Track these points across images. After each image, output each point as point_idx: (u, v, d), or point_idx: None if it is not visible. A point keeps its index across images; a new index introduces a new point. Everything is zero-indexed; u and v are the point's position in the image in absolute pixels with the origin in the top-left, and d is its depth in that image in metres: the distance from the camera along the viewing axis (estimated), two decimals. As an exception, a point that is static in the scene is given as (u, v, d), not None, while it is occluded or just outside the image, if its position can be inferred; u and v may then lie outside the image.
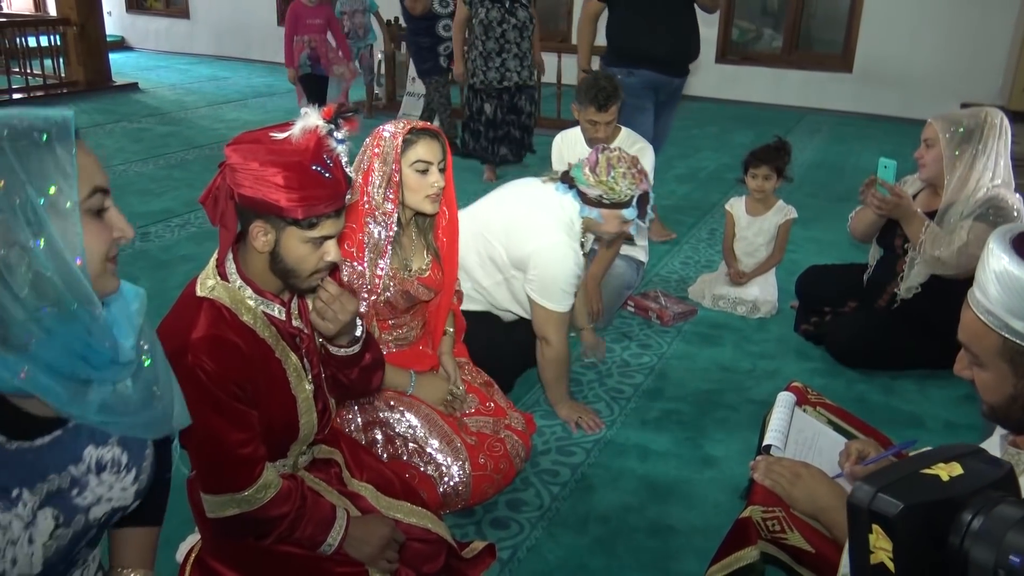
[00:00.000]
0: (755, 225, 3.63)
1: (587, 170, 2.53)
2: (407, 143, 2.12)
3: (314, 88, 6.37)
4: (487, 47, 5.39)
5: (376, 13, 7.39)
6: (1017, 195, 2.75)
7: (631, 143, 3.45)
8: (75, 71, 8.64)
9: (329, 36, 6.45)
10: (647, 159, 3.44)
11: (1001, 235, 1.19)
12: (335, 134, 1.50)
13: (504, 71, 5.46)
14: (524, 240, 2.58)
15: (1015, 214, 2.66)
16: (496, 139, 5.72)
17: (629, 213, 2.53)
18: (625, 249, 3.56)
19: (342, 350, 1.74)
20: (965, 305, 1.24)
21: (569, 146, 3.59)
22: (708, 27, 8.86)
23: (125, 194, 5.22)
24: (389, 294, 2.19)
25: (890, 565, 0.69)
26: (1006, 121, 2.75)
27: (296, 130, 1.47)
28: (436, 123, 6.23)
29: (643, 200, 2.54)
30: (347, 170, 1.53)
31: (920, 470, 0.72)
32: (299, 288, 1.60)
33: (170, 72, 10.24)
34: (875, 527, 0.70)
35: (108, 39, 9.29)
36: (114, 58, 9.44)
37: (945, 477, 0.71)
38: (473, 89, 5.63)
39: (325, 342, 1.74)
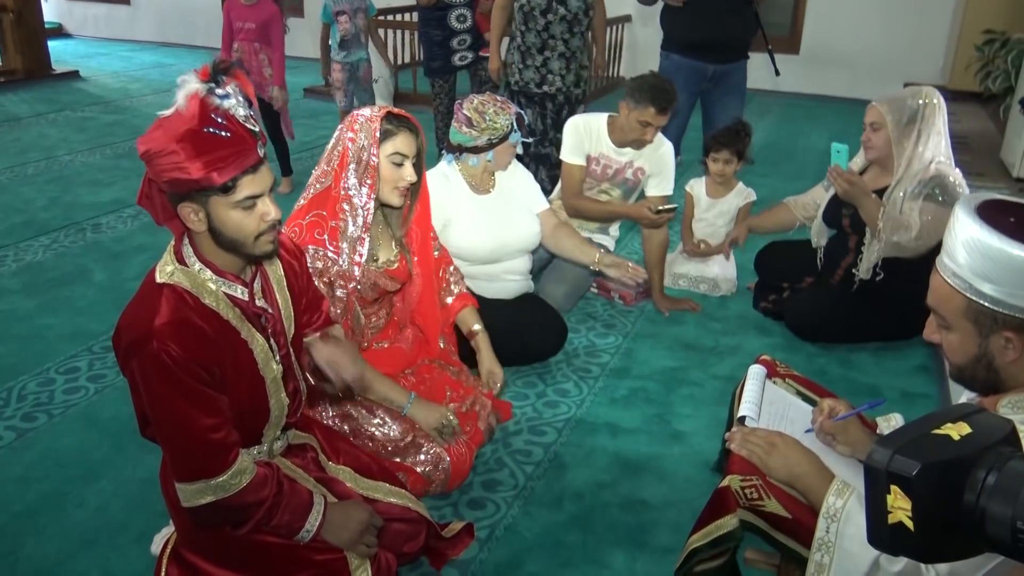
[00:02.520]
0: (716, 207, 3.68)
1: (465, 128, 2.74)
2: (386, 133, 2.10)
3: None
4: (526, 40, 4.26)
5: (373, 19, 5.77)
6: (957, 170, 2.86)
7: (659, 143, 3.39)
8: (12, 59, 8.35)
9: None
10: (670, 159, 3.43)
11: (967, 203, 1.27)
12: (216, 91, 1.46)
13: (545, 72, 4.28)
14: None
15: (959, 190, 2.76)
16: (534, 157, 4.43)
17: (515, 138, 2.79)
18: (596, 236, 3.59)
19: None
20: (934, 271, 1.32)
21: (593, 140, 3.41)
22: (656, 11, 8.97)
23: (73, 185, 5.09)
24: (357, 286, 2.19)
25: (909, 524, 0.72)
26: (942, 100, 2.86)
27: (179, 100, 1.45)
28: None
29: (519, 120, 2.78)
30: (247, 124, 1.49)
31: (931, 431, 0.75)
32: (253, 255, 1.57)
33: (112, 59, 9.96)
34: (893, 488, 0.73)
35: (45, 26, 8.99)
36: (53, 45, 9.15)
37: (956, 436, 0.74)
38: (511, 92, 4.48)
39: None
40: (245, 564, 1.72)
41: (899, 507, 0.72)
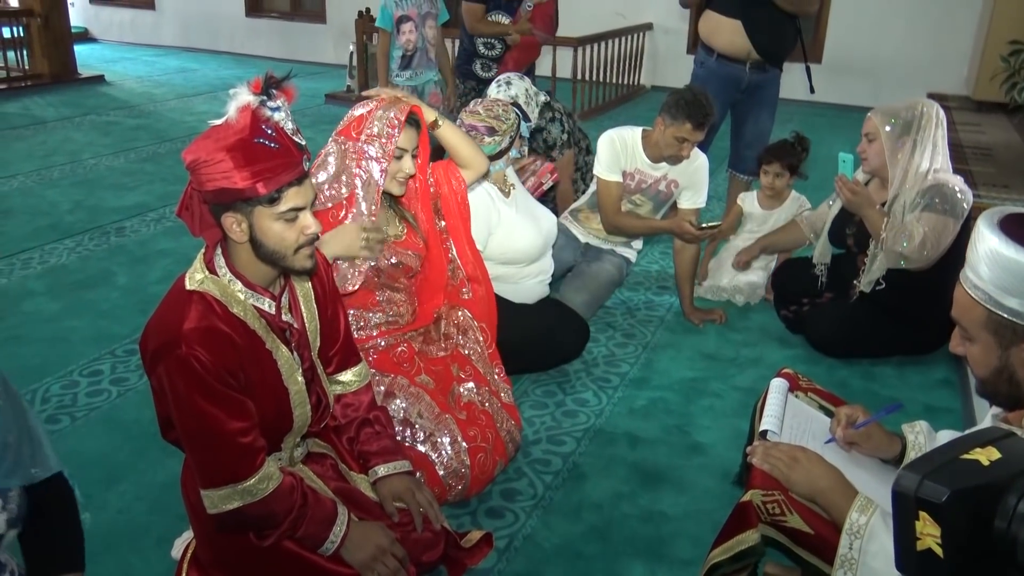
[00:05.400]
0: (772, 218, 3.63)
1: (489, 138, 2.78)
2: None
3: None
4: None
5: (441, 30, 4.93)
6: (958, 177, 2.84)
7: (694, 156, 3.36)
8: (39, 63, 8.45)
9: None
10: (705, 173, 3.40)
11: (989, 217, 1.28)
12: (268, 104, 1.49)
13: None
14: None
15: (959, 196, 2.76)
16: None
17: (488, 149, 2.73)
18: (619, 248, 3.59)
19: None
20: (957, 283, 1.33)
21: (629, 156, 3.39)
22: (680, 20, 8.94)
23: (97, 188, 5.14)
24: (371, 261, 2.23)
25: (938, 550, 0.71)
26: (941, 112, 2.84)
27: (231, 111, 1.48)
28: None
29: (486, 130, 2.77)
30: (294, 137, 1.53)
31: (959, 456, 0.74)
32: (292, 268, 1.60)
33: (136, 64, 10.07)
34: (922, 514, 0.71)
35: (72, 30, 9.10)
36: (78, 50, 9.24)
37: (985, 462, 0.73)
38: None
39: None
40: (262, 574, 1.73)
41: (928, 533, 0.71)
